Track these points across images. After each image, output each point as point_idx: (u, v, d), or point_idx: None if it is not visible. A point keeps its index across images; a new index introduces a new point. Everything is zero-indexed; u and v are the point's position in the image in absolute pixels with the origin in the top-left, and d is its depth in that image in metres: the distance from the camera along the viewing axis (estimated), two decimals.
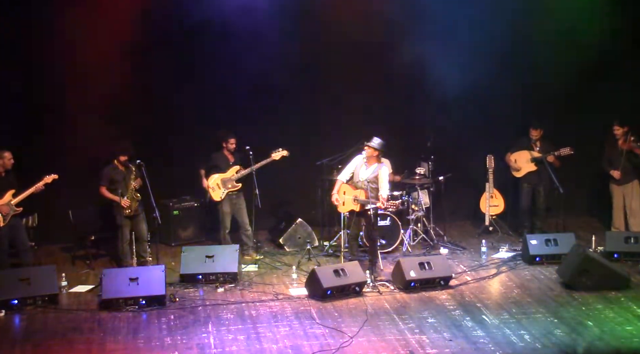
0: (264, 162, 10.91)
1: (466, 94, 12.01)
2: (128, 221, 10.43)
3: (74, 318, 9.05)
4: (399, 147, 11.86)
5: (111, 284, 9.29)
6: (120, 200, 10.22)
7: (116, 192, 10.28)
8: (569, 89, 12.33)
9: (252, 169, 10.80)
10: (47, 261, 10.73)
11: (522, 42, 12.31)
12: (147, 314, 9.10)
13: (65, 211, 11.05)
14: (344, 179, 10.32)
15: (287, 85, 12.07)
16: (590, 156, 12.04)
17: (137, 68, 11.26)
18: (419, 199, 11.75)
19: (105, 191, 10.38)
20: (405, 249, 11.39)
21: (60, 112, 11.25)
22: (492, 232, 12.13)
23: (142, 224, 10.57)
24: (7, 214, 9.92)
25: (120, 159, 10.36)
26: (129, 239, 10.46)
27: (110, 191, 10.36)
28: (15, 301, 9.20)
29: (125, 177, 10.39)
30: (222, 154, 11.14)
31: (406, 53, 11.76)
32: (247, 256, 11.09)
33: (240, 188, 11.07)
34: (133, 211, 10.39)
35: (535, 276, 10.27)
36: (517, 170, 11.89)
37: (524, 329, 8.50)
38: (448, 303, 9.32)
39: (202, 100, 11.82)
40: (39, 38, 11.05)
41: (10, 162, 9.98)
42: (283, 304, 9.36)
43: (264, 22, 11.60)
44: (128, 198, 10.33)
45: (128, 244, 10.46)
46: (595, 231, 11.61)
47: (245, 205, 11.10)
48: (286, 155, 10.95)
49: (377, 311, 9.09)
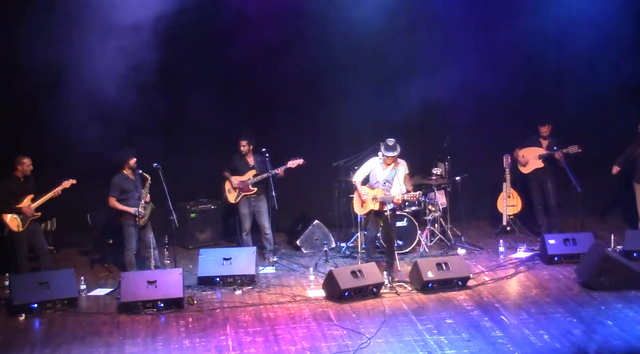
0: (280, 169, 10.91)
1: (482, 94, 12.00)
2: (136, 230, 10.26)
3: (93, 321, 9.10)
4: (415, 148, 11.86)
5: (130, 287, 9.33)
6: (134, 211, 10.12)
7: (127, 203, 10.20)
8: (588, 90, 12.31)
9: (268, 174, 10.82)
10: (65, 264, 10.74)
11: (540, 42, 12.29)
12: (166, 317, 9.13)
13: (83, 214, 11.13)
14: (359, 179, 10.30)
15: (305, 86, 12.10)
16: (609, 154, 11.96)
17: (154, 69, 11.27)
18: (436, 199, 11.73)
19: (114, 202, 10.19)
20: (422, 250, 11.37)
21: (77, 115, 11.27)
22: (510, 232, 12.10)
23: (148, 232, 10.39)
24: (26, 219, 9.99)
25: (130, 163, 10.21)
26: (135, 249, 10.31)
27: (120, 202, 10.22)
28: (34, 304, 9.26)
29: (137, 186, 10.28)
30: (243, 157, 11.15)
31: (423, 55, 11.78)
32: (266, 259, 11.10)
33: (259, 191, 11.07)
34: (143, 222, 10.26)
35: (553, 275, 10.22)
36: (524, 165, 11.85)
37: (543, 329, 8.45)
38: (466, 304, 9.30)
39: (218, 102, 11.85)
40: (42, 43, 11.08)
41: (30, 168, 10.05)
42: (301, 305, 9.37)
43: (284, 27, 11.66)
44: (141, 208, 10.20)
45: (135, 255, 10.34)
46: (614, 230, 11.53)
47: (268, 208, 11.06)
48: (302, 164, 10.96)
49: (394, 312, 9.08)
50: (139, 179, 10.35)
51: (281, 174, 10.94)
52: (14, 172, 10.02)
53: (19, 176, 10.02)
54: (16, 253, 10.05)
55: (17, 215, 9.96)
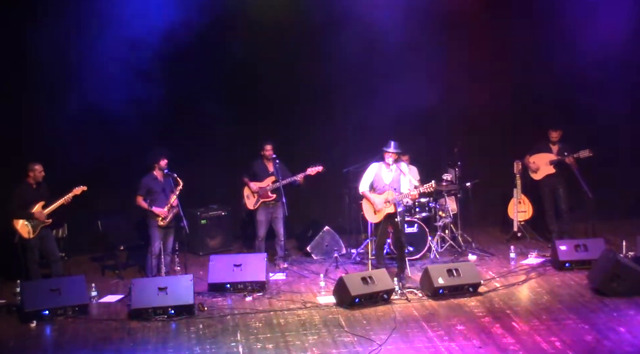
0: (299, 176, 10.93)
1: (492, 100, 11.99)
2: (161, 233, 10.37)
3: (104, 327, 9.11)
4: (425, 153, 11.84)
5: (140, 293, 9.34)
6: (155, 210, 10.20)
7: (152, 204, 10.27)
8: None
9: (288, 181, 10.84)
10: (77, 271, 10.81)
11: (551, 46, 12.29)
12: (176, 323, 9.14)
13: (94, 221, 11.15)
14: (366, 189, 10.28)
15: (315, 94, 12.13)
16: (621, 159, 11.94)
17: (165, 76, 11.34)
18: (446, 205, 11.71)
19: (140, 201, 10.34)
20: (433, 256, 11.35)
21: (87, 121, 11.30)
22: (521, 238, 12.06)
23: (170, 237, 10.52)
24: (37, 226, 10.03)
25: (161, 164, 10.29)
26: (158, 253, 10.40)
27: (146, 202, 10.33)
28: (46, 311, 9.28)
29: (164, 188, 10.34)
30: (262, 162, 11.16)
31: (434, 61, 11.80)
32: (276, 265, 11.09)
33: (277, 198, 11.06)
34: (168, 222, 10.36)
35: (565, 282, 10.18)
36: (535, 172, 11.81)
37: (554, 336, 8.41)
38: (477, 310, 9.27)
39: (230, 108, 11.89)
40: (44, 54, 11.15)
41: (41, 174, 10.07)
42: (311, 312, 9.36)
43: (293, 36, 11.68)
44: (167, 209, 10.28)
45: (157, 258, 10.41)
46: (625, 235, 11.48)
47: (283, 215, 11.05)
48: (321, 171, 10.97)
49: (405, 318, 9.05)
50: (169, 182, 10.36)
51: (300, 181, 10.94)
52: (25, 178, 10.05)
53: (31, 183, 10.05)
54: (27, 260, 10.08)
55: (28, 221, 10.00)
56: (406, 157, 11.36)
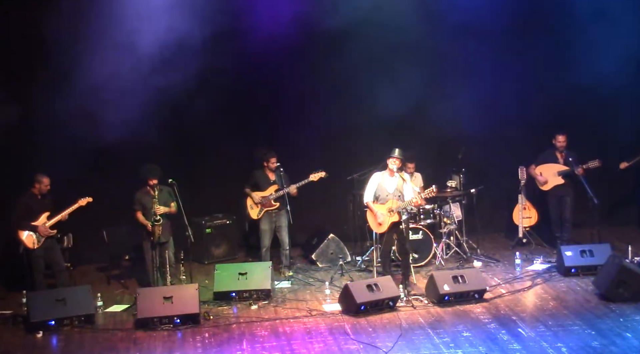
0: (302, 183, 10.95)
1: (497, 106, 11.99)
2: (150, 246, 10.21)
3: (110, 337, 9.12)
4: (429, 160, 11.84)
5: (146, 303, 9.35)
6: (148, 226, 10.14)
7: (145, 218, 10.24)
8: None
9: (289, 189, 10.85)
10: (82, 281, 10.81)
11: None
12: (182, 332, 9.14)
13: (99, 231, 11.17)
14: (370, 199, 10.27)
15: (319, 101, 12.15)
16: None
17: (168, 86, 11.34)
18: (451, 212, 11.71)
19: (140, 216, 10.26)
20: (438, 262, 11.34)
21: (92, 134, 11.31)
22: (526, 244, 12.05)
23: (166, 252, 10.31)
24: (43, 236, 10.05)
25: (149, 182, 10.17)
26: (153, 265, 10.22)
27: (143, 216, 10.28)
28: (52, 321, 9.29)
29: (156, 202, 10.25)
30: (263, 172, 11.17)
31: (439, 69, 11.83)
32: (281, 273, 11.10)
33: (280, 206, 11.07)
34: (156, 238, 10.16)
35: (570, 287, 10.16)
36: (543, 184, 11.78)
37: (560, 342, 8.40)
38: (483, 316, 9.26)
39: (234, 118, 11.91)
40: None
41: (47, 188, 10.08)
42: (317, 320, 9.35)
43: (297, 42, 11.70)
44: (151, 224, 10.12)
45: (157, 269, 10.29)
46: (631, 241, 11.45)
47: (287, 224, 11.05)
48: (324, 176, 10.98)
49: (411, 325, 9.05)
50: (165, 194, 10.28)
51: (294, 193, 10.95)
52: (31, 189, 10.08)
53: (35, 193, 10.08)
54: (32, 270, 10.09)
55: (33, 232, 10.02)
56: (412, 165, 11.37)
